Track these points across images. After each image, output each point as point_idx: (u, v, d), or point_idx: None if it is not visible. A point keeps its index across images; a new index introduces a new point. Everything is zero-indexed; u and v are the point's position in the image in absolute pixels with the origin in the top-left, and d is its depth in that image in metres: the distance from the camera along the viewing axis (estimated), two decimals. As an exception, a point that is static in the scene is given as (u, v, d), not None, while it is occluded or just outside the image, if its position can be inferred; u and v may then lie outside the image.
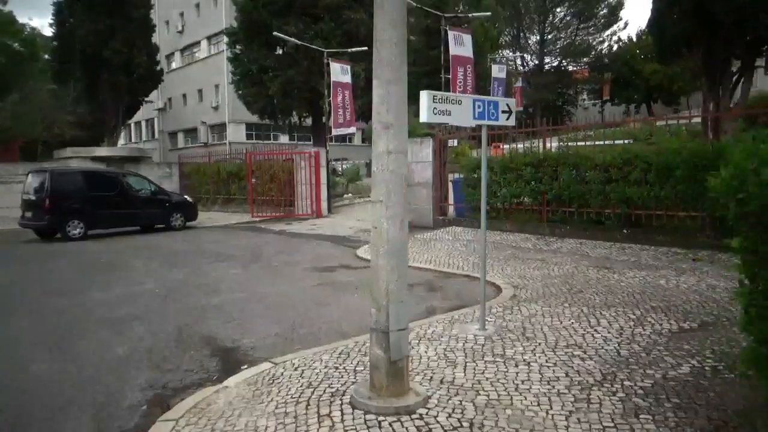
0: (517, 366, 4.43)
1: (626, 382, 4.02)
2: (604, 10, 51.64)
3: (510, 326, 5.60)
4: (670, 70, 49.90)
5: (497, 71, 30.35)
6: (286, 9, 20.58)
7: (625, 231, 10.45)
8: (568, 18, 52.52)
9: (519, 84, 43.58)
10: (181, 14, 43.76)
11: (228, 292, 8.04)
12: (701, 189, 9.34)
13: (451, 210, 14.41)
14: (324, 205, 18.00)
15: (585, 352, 4.70)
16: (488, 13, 31.12)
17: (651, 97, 52.29)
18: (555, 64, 54.24)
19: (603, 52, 52.62)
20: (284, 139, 38.65)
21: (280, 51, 21.92)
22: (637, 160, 10.15)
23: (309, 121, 25.97)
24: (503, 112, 5.58)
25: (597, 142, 11.97)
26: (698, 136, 11.58)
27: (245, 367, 4.91)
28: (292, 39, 17.96)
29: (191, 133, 42.85)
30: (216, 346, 5.56)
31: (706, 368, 4.25)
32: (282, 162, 18.49)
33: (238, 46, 22.43)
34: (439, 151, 14.08)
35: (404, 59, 3.71)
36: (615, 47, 52.43)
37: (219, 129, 40.03)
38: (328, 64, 18.40)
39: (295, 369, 4.60)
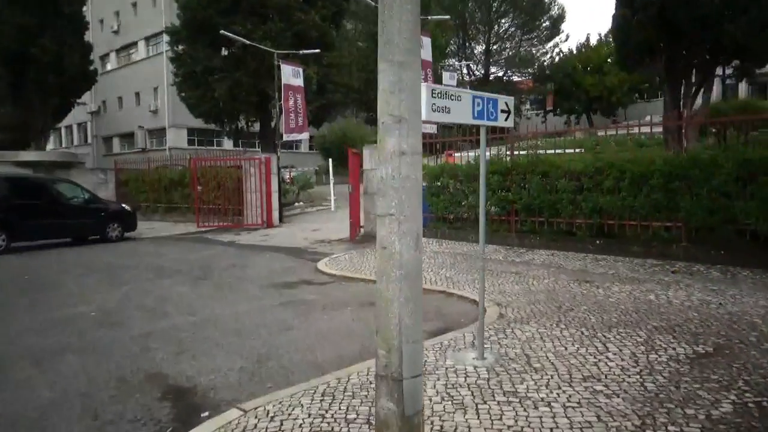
0: (537, 408, 3.77)
1: (671, 428, 3.43)
2: (547, 23, 52.95)
3: (510, 353, 4.96)
4: (608, 83, 52.13)
5: (448, 78, 30.15)
6: (233, 8, 19.51)
7: (597, 242, 10.10)
8: (512, 29, 53.50)
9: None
10: (117, 13, 41.47)
11: (176, 314, 7.05)
12: (677, 198, 9.14)
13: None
14: (275, 214, 17.01)
15: (607, 387, 4.10)
16: (447, 17, 30.69)
17: (591, 108, 53.96)
18: (500, 74, 55.13)
19: (545, 63, 53.84)
20: (228, 145, 37.12)
21: (226, 52, 20.79)
22: (611, 168, 9.84)
23: (256, 127, 24.88)
24: (502, 111, 4.97)
25: (548, 151, 11.66)
26: (650, 146, 11.45)
27: (206, 414, 4.04)
28: (241, 39, 16.93)
29: (128, 138, 40.52)
30: (167, 387, 4.63)
31: (750, 405, 3.73)
32: (229, 169, 17.37)
33: (180, 46, 21.10)
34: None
35: (419, 37, 3.00)
36: (557, 59, 53.79)
37: (158, 134, 38.01)
38: (278, 67, 17.48)
39: (271, 419, 3.76)
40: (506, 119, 5.03)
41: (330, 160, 19.88)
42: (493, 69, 54.33)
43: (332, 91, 21.19)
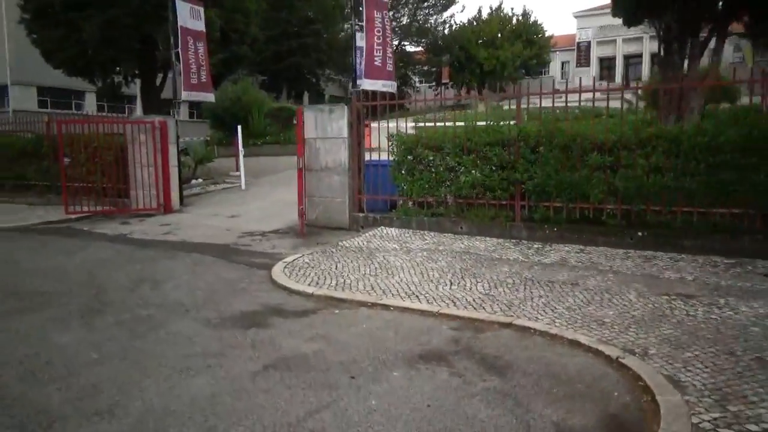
0: None
1: None
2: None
3: None
4: (502, 56, 52.02)
5: (360, 39, 27.13)
6: None
7: (639, 233, 7.92)
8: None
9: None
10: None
11: (65, 408, 3.64)
12: (751, 178, 7.18)
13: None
14: (175, 195, 13.08)
15: None
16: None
17: (484, 81, 53.67)
18: (396, 43, 52.70)
19: (441, 34, 52.29)
20: (92, 108, 30.99)
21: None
22: (659, 140, 7.66)
23: (132, 88, 20.13)
24: None
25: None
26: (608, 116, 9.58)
27: None
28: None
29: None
30: None
31: None
32: (110, 136, 13.05)
33: (29, -29, 15.84)
34: (356, 125, 10.35)
35: None
36: (452, 30, 52.48)
37: (-5, 92, 30.72)
38: (173, 2, 13.36)
39: None
40: None
41: (239, 126, 16.06)
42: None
43: (237, 42, 17.22)
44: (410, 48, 52.69)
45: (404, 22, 50.03)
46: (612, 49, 56.14)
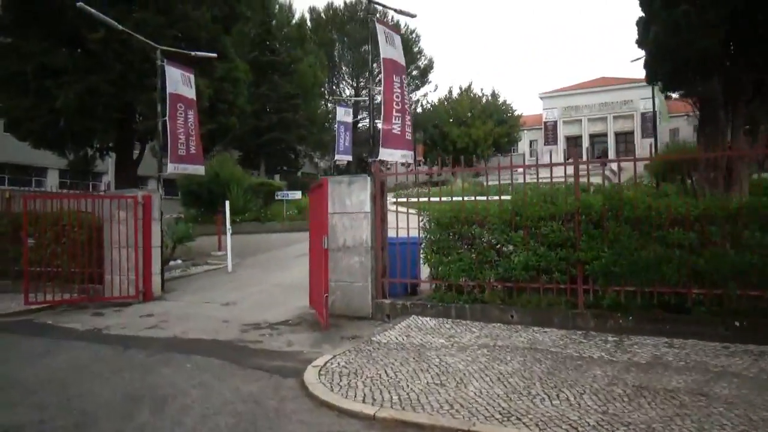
0: None
1: None
2: (415, 72, 52.33)
3: None
4: (474, 135, 52.75)
5: (343, 114, 26.67)
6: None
7: (736, 323, 6.70)
8: (380, 76, 51.95)
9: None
10: None
11: None
12: None
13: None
14: (157, 280, 11.36)
15: None
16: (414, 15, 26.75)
17: (458, 159, 54.04)
18: (368, 119, 53.05)
19: (415, 112, 52.97)
20: (55, 185, 29.13)
21: (75, 50, 14.78)
22: (753, 213, 6.63)
23: (104, 164, 18.62)
24: None
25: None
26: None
27: None
28: (108, 20, 11.41)
29: None
30: None
31: None
32: (80, 213, 11.41)
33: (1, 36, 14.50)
34: (379, 198, 9.10)
35: None
36: (426, 108, 53.29)
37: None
38: (162, 68, 12.24)
39: None
40: None
41: (227, 202, 14.61)
42: (363, 114, 52.00)
43: (225, 113, 16.10)
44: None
45: (378, 100, 50.46)
46: (578, 128, 57.85)
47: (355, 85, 50.37)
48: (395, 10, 10.70)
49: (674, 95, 13.03)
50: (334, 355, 6.60)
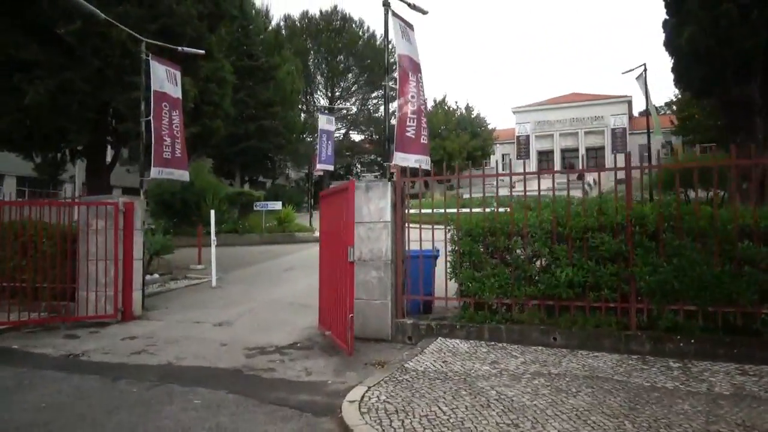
0: None
1: None
2: (392, 83, 51.78)
3: None
4: (449, 147, 52.37)
5: (325, 122, 25.71)
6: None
7: (819, 347, 6.04)
8: (354, 87, 51.32)
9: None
10: None
11: None
12: None
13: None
14: (137, 297, 10.14)
15: None
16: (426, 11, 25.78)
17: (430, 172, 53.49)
18: (343, 132, 52.14)
19: (389, 124, 52.42)
20: (11, 193, 27.17)
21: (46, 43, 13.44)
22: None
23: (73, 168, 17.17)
24: None
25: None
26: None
27: None
28: (92, 8, 10.25)
29: None
30: None
31: None
32: (48, 220, 10.14)
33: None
34: (399, 206, 8.21)
35: None
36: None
37: None
38: (147, 63, 11.14)
39: None
40: None
41: (212, 212, 13.45)
42: (338, 125, 51.13)
43: (210, 116, 14.97)
44: (357, 137, 52.40)
45: (353, 111, 49.83)
46: (550, 142, 58.33)
47: (330, 95, 49.49)
48: (408, 5, 9.87)
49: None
50: (368, 386, 5.64)
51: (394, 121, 9.45)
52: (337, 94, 49.26)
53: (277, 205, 22.14)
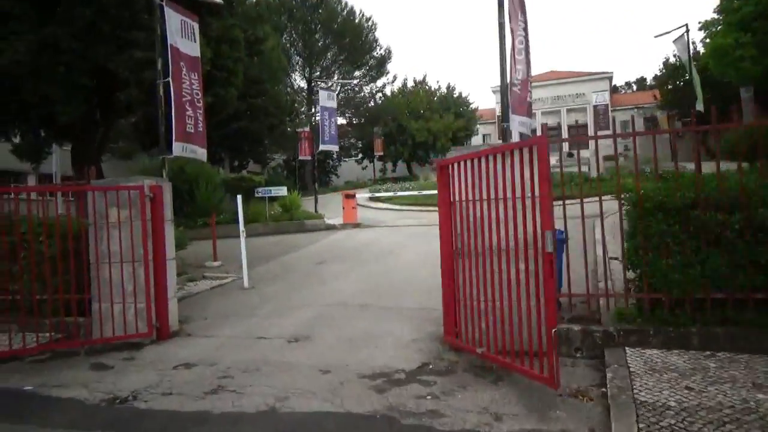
0: None
1: None
2: (372, 61, 49.37)
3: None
4: (433, 128, 50.44)
5: (326, 98, 23.39)
6: None
7: None
8: (334, 67, 48.57)
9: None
10: None
11: None
12: None
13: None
14: (174, 308, 7.86)
15: None
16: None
17: (416, 153, 51.62)
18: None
19: (372, 105, 49.98)
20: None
21: None
22: None
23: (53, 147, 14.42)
24: None
25: None
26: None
27: None
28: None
29: None
30: None
31: None
32: (53, 213, 7.74)
33: None
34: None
35: None
36: (384, 101, 50.44)
37: None
38: (161, 8, 8.74)
39: None
40: None
41: (239, 197, 11.10)
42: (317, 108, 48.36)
43: (223, 83, 12.51)
44: (340, 120, 49.77)
45: (336, 94, 47.06)
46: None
47: (307, 76, 46.74)
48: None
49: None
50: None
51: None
52: (316, 74, 46.48)
53: (282, 191, 19.77)
